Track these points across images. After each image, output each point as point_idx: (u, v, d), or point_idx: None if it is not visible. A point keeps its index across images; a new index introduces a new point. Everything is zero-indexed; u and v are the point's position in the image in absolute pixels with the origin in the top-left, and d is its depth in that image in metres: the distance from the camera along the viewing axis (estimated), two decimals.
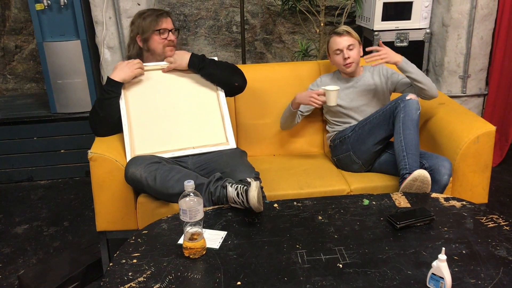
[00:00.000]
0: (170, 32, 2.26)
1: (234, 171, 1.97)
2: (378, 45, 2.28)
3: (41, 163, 3.28)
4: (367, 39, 3.42)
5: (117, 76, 2.15)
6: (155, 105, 2.21)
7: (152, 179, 1.88)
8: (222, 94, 2.30)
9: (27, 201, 3.04)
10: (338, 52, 2.34)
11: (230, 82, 2.31)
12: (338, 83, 2.42)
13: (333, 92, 2.19)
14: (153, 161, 1.96)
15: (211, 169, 2.05)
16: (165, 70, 2.27)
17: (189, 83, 2.29)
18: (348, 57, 2.31)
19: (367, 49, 2.29)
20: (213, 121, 2.23)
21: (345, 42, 2.31)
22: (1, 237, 2.65)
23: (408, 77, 2.24)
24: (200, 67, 2.25)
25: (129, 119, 2.15)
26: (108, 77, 2.17)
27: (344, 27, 2.35)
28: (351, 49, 2.32)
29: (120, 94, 2.17)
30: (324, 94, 2.22)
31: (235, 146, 2.19)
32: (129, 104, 2.18)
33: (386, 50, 2.24)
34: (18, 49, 3.75)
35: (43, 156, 3.27)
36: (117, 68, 2.18)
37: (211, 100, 2.28)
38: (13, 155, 3.25)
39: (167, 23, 2.25)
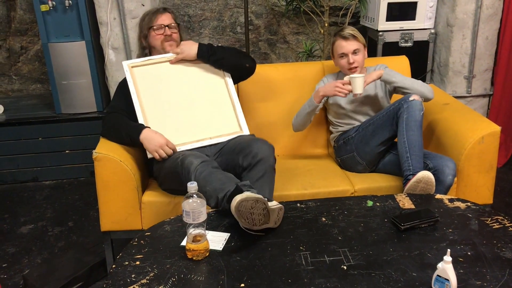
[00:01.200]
0: (167, 27, 2.27)
1: (250, 145, 2.00)
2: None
3: (46, 163, 3.30)
4: (371, 39, 3.40)
5: (145, 143, 2.05)
6: (168, 98, 2.21)
7: (200, 173, 1.87)
8: (230, 81, 2.31)
9: (32, 201, 3.06)
10: (343, 56, 2.33)
11: (241, 64, 2.32)
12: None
13: (359, 79, 2.17)
14: (207, 159, 1.98)
15: (229, 150, 2.08)
16: (173, 62, 2.27)
17: (197, 73, 2.30)
18: (353, 62, 2.30)
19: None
20: (226, 111, 2.26)
21: (350, 46, 2.29)
22: (7, 237, 2.66)
23: (395, 87, 2.24)
24: (210, 54, 2.26)
25: (144, 114, 2.15)
26: (142, 131, 2.07)
27: (350, 30, 2.31)
28: (356, 54, 2.30)
29: (132, 143, 2.13)
30: (349, 83, 2.20)
31: (248, 133, 2.22)
32: (141, 98, 2.18)
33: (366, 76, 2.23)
34: (24, 50, 3.77)
35: (48, 157, 3.29)
36: (153, 139, 2.05)
37: (220, 88, 2.29)
38: (18, 156, 3.26)
39: (163, 19, 2.27)
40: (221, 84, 2.30)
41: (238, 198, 1.53)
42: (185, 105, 2.22)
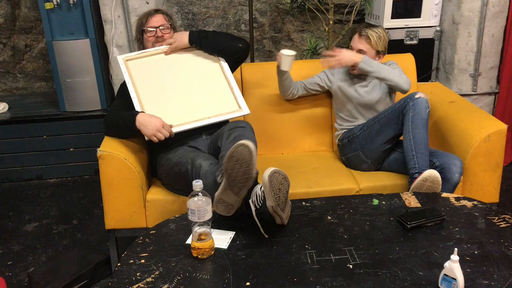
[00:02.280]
0: (158, 29, 2.28)
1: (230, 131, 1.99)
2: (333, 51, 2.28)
3: (50, 161, 3.30)
4: None
5: (142, 129, 2.03)
6: (164, 86, 2.22)
7: (209, 173, 1.86)
8: (225, 65, 2.33)
9: (37, 199, 3.06)
10: (351, 49, 2.33)
11: (234, 46, 2.32)
12: (351, 77, 2.40)
13: (287, 57, 2.22)
14: (216, 161, 1.98)
15: (218, 134, 2.09)
16: (167, 52, 2.28)
17: (192, 61, 2.31)
18: None
19: (323, 53, 2.31)
20: (223, 91, 2.27)
21: (358, 44, 2.29)
22: (11, 235, 2.66)
23: (372, 76, 2.24)
24: (202, 37, 2.27)
25: (140, 102, 2.15)
26: (136, 117, 2.05)
27: (371, 31, 2.28)
28: (361, 53, 2.29)
29: (132, 132, 2.10)
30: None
31: (248, 112, 2.21)
32: (137, 88, 2.18)
33: (342, 53, 2.22)
34: (28, 48, 3.77)
35: (53, 155, 3.29)
36: (149, 123, 2.02)
37: (216, 72, 2.31)
38: (23, 154, 3.27)
39: (153, 21, 2.30)
40: (216, 68, 2.32)
41: (271, 169, 1.53)
42: (181, 90, 2.23)
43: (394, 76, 2.20)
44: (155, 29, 2.29)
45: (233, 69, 2.40)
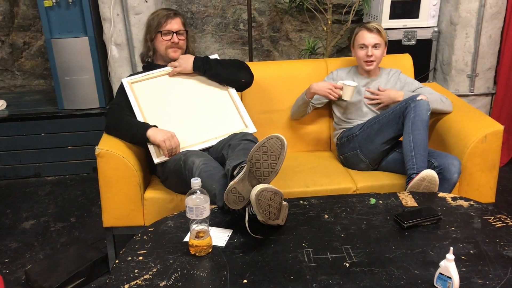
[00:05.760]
0: (175, 34, 2.25)
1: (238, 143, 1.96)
2: (379, 89, 2.36)
3: (48, 159, 3.30)
4: None
5: (152, 137, 2.05)
6: (170, 108, 2.22)
7: (203, 171, 1.86)
8: (231, 88, 2.34)
9: (35, 197, 3.06)
10: (363, 47, 2.33)
11: (237, 80, 2.32)
12: (353, 79, 2.41)
13: (351, 88, 2.26)
14: (209, 157, 1.99)
15: (224, 142, 2.06)
16: (171, 75, 2.28)
17: (198, 83, 2.31)
18: (371, 55, 2.31)
19: (367, 89, 2.38)
20: (229, 112, 2.27)
21: (372, 39, 2.30)
22: (9, 232, 2.66)
23: None
24: (205, 70, 2.27)
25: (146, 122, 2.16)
26: (146, 129, 2.07)
27: (376, 24, 2.33)
28: (376, 48, 2.31)
29: (141, 139, 2.10)
30: (341, 88, 2.28)
31: (255, 130, 2.21)
32: (143, 110, 2.19)
33: (386, 93, 2.32)
34: (26, 46, 3.77)
35: (51, 152, 3.29)
36: (161, 131, 2.06)
37: (222, 94, 2.31)
38: (20, 151, 3.27)
39: (172, 24, 2.25)
40: (222, 91, 2.32)
41: (259, 187, 1.52)
42: (187, 111, 2.23)
43: (438, 105, 2.29)
44: (172, 34, 2.24)
45: (237, 91, 2.38)
